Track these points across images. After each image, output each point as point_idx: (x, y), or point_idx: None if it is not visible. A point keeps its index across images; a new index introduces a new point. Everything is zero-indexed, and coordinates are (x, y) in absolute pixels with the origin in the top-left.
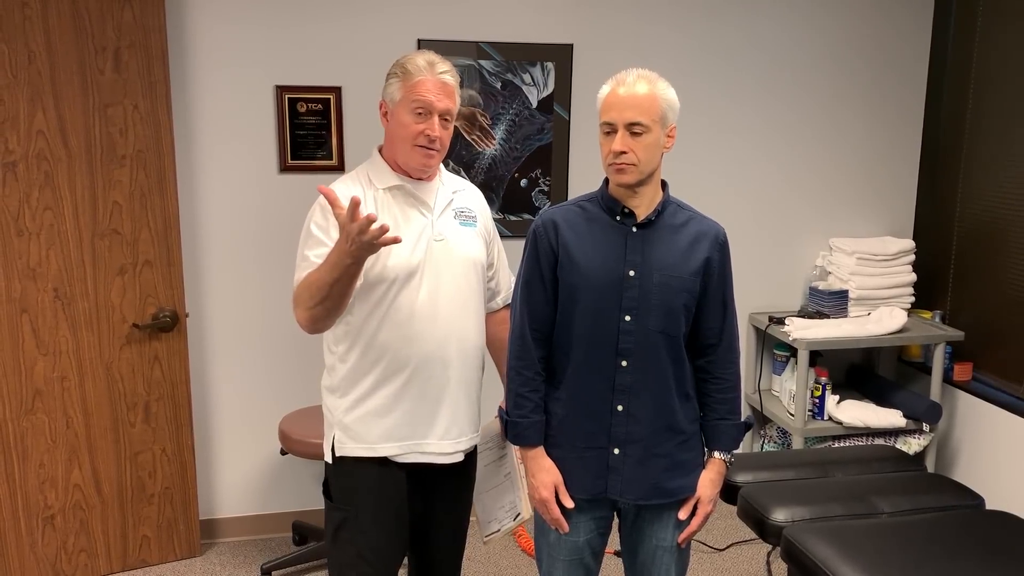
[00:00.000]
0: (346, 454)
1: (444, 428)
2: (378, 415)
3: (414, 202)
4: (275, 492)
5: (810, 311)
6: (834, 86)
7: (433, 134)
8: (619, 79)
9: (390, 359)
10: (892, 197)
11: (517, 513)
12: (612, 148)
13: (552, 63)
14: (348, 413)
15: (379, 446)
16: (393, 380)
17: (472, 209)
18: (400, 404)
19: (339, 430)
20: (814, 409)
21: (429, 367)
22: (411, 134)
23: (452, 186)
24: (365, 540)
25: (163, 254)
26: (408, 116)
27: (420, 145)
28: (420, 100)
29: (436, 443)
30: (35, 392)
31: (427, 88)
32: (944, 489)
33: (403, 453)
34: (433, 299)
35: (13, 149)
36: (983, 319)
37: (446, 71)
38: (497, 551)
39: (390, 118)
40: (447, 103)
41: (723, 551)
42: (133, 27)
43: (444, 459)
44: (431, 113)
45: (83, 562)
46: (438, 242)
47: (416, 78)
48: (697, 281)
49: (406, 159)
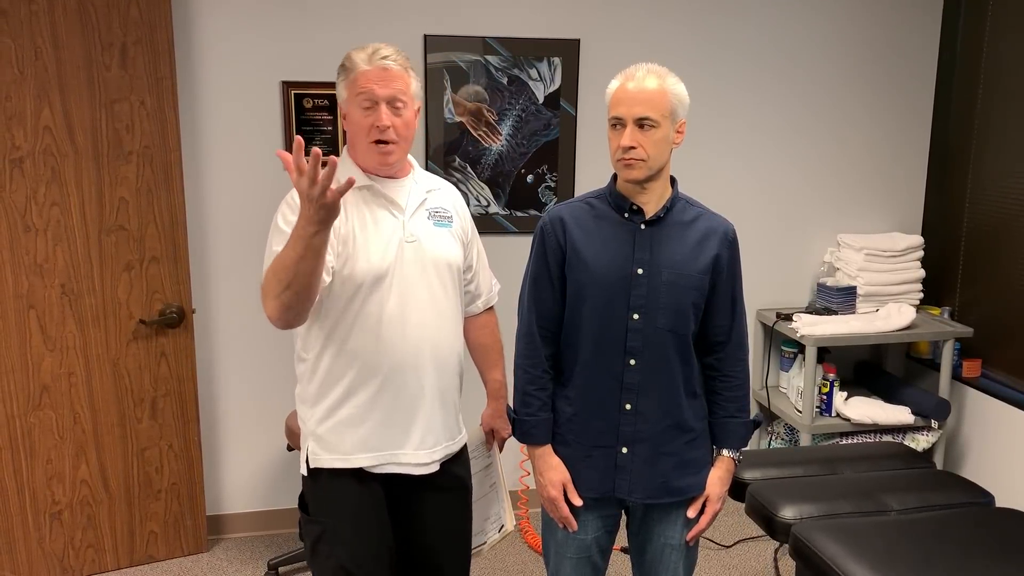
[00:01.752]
0: (320, 465)
1: (420, 438)
2: (351, 425)
3: (384, 202)
4: (282, 488)
5: (818, 307)
6: (843, 81)
7: (382, 124)
8: (628, 74)
9: (360, 367)
10: (901, 193)
11: (501, 525)
12: (620, 143)
13: (559, 58)
14: (321, 423)
15: (353, 456)
16: (364, 389)
17: (447, 209)
18: (373, 413)
19: (312, 441)
20: (822, 406)
21: (401, 375)
22: (363, 130)
23: (426, 185)
24: (346, 552)
25: (169, 250)
26: (357, 112)
27: (374, 140)
28: (363, 92)
29: (412, 453)
30: (42, 388)
31: (368, 78)
32: (953, 486)
33: (378, 464)
34: (403, 304)
35: (20, 145)
36: (992, 315)
37: (387, 55)
38: (504, 548)
39: (347, 120)
40: (392, 88)
41: (730, 548)
42: (139, 23)
43: (420, 470)
44: (377, 103)
45: (90, 557)
46: (410, 243)
47: (357, 71)
48: (706, 279)
49: (365, 157)
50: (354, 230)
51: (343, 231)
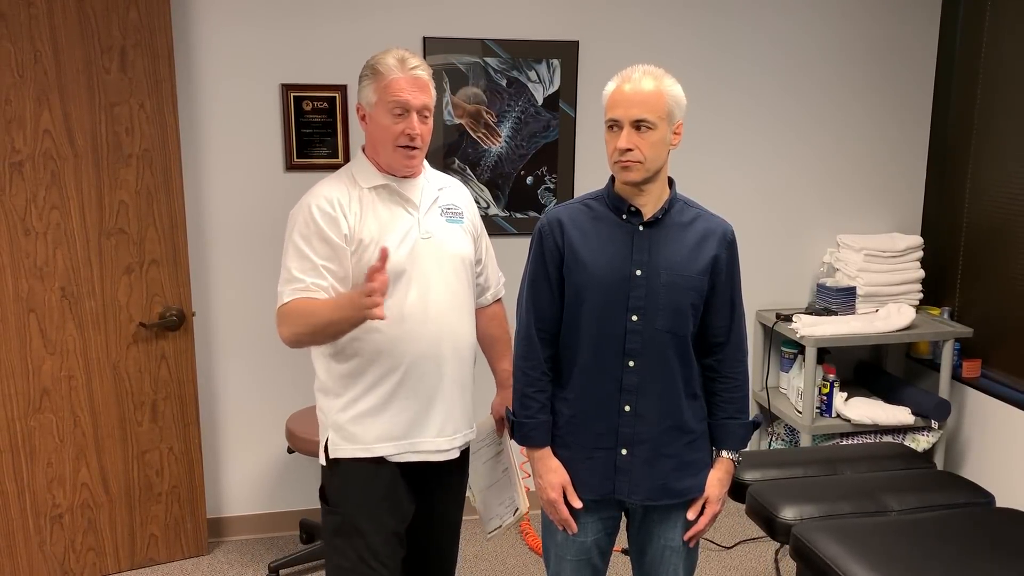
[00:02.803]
0: (341, 455)
1: (439, 426)
2: (372, 415)
3: (400, 200)
4: (282, 490)
5: (818, 308)
6: (842, 81)
7: (414, 132)
8: (625, 75)
9: (383, 359)
10: (900, 193)
11: (516, 508)
12: (617, 145)
13: (558, 60)
14: (342, 413)
15: (375, 446)
16: (387, 380)
17: (458, 205)
18: (394, 403)
19: (332, 431)
20: (822, 406)
21: (423, 366)
22: (392, 135)
23: (437, 183)
24: (365, 542)
25: (169, 253)
26: (386, 117)
27: (402, 145)
28: (396, 100)
29: (432, 440)
30: (43, 391)
31: (401, 87)
32: (954, 487)
33: (399, 452)
34: (423, 298)
35: (20, 149)
36: (992, 315)
37: (417, 66)
38: (504, 550)
39: (369, 121)
40: (423, 99)
41: (731, 549)
42: (139, 26)
43: (440, 456)
44: (409, 111)
45: (91, 560)
46: (425, 240)
47: (389, 78)
48: (705, 280)
49: (389, 160)
50: (372, 228)
51: (360, 232)
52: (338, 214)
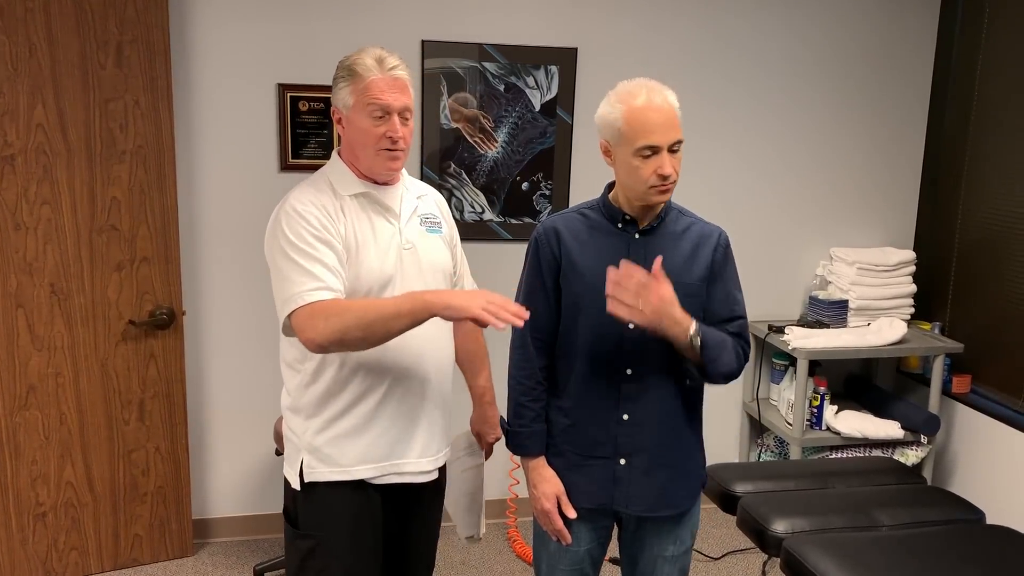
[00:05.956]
0: (317, 479)
1: (423, 446)
2: (352, 436)
3: (380, 209)
4: (269, 492)
5: (810, 320)
6: (837, 95)
7: (396, 134)
8: (644, 97)
9: (364, 376)
10: (893, 207)
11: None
12: (660, 171)
13: (556, 66)
14: (318, 435)
15: (354, 469)
16: (368, 398)
17: (436, 215)
18: (376, 423)
19: (307, 453)
20: (812, 419)
21: (406, 383)
22: (373, 138)
23: (415, 191)
24: (340, 567)
25: (161, 251)
26: (366, 120)
27: (384, 148)
28: (376, 102)
29: (415, 462)
30: (29, 388)
31: (381, 88)
32: (945, 503)
33: (381, 475)
34: None
35: (12, 142)
36: (983, 331)
37: (396, 65)
38: (491, 556)
39: (346, 124)
40: (404, 100)
41: (719, 560)
42: (135, 22)
43: (422, 478)
44: (390, 113)
45: (74, 560)
46: (407, 251)
47: (367, 79)
48: (703, 287)
49: (370, 165)
50: (356, 238)
51: (348, 240)
52: (331, 220)
